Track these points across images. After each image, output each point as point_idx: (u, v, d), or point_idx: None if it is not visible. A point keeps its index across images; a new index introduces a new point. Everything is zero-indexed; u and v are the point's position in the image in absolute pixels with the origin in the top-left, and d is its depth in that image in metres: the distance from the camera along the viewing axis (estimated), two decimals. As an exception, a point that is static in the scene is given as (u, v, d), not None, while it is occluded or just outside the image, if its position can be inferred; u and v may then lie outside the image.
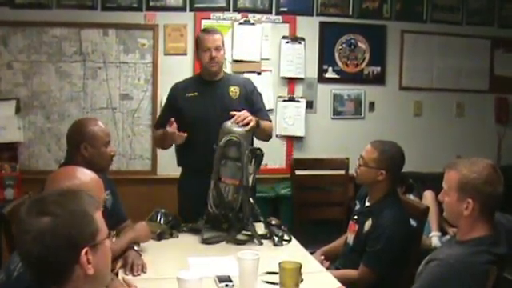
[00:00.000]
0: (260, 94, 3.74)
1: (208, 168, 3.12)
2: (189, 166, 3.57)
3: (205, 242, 3.05)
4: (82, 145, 2.76)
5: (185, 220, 3.29)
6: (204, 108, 3.48)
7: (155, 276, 2.55)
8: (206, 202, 3.10)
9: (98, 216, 1.56)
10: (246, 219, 3.09)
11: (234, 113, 3.19)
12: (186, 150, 3.50)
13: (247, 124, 3.15)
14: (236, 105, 3.42)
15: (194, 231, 3.20)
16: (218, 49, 3.48)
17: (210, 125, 3.29)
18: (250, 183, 3.11)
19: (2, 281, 1.78)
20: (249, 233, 3.10)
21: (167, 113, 3.61)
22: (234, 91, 3.56)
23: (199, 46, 3.55)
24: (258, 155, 3.15)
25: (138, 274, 2.54)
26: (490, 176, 2.21)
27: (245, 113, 3.20)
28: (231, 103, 3.47)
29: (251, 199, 3.09)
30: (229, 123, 3.14)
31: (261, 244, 3.02)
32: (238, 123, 3.13)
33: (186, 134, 3.31)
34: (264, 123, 3.45)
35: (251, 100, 3.59)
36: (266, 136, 3.63)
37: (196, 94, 3.56)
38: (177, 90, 3.66)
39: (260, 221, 3.14)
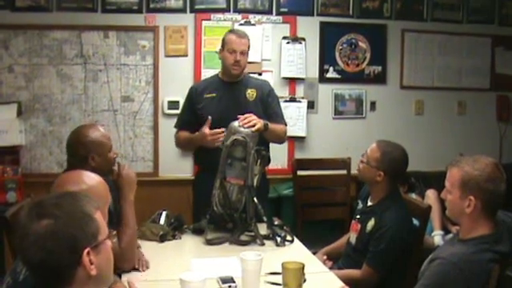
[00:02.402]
0: (277, 97, 3.79)
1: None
2: (204, 164, 3.61)
3: (208, 242, 3.05)
4: (90, 156, 2.74)
5: (198, 218, 3.30)
6: (220, 109, 3.51)
7: (158, 278, 2.55)
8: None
9: (98, 216, 1.56)
10: (250, 219, 3.09)
11: (239, 116, 3.19)
12: (203, 150, 3.54)
13: (253, 126, 3.16)
14: (251, 107, 3.44)
15: (196, 232, 3.20)
16: (243, 53, 3.53)
17: (225, 126, 3.27)
18: (255, 184, 3.11)
19: (8, 284, 1.78)
20: (251, 233, 3.10)
21: (186, 113, 3.74)
22: (251, 93, 3.59)
23: (225, 45, 3.58)
24: (263, 156, 3.16)
25: (143, 270, 2.61)
26: (493, 174, 2.21)
27: (251, 116, 3.21)
28: (247, 105, 3.49)
29: (255, 199, 3.09)
30: (236, 123, 3.15)
31: (263, 244, 3.02)
32: (243, 125, 3.14)
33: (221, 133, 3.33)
34: (274, 126, 3.46)
35: (266, 103, 3.62)
36: (278, 139, 3.68)
37: (214, 94, 3.61)
38: (195, 91, 3.71)
39: (263, 221, 3.14)
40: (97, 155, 2.75)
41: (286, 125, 3.71)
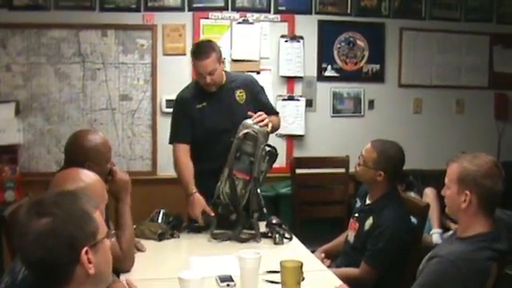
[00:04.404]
0: (263, 89, 3.69)
1: (218, 172, 3.19)
2: (200, 168, 3.46)
3: (213, 236, 3.08)
4: (86, 164, 2.67)
5: (191, 220, 3.30)
6: (214, 118, 3.43)
7: (157, 276, 2.55)
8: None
9: (97, 215, 1.56)
10: (252, 212, 3.12)
11: (251, 113, 3.22)
12: (199, 155, 3.47)
13: (266, 125, 3.18)
14: (244, 110, 3.38)
15: (193, 230, 3.21)
16: (211, 73, 3.33)
17: (221, 133, 3.32)
18: (261, 179, 3.15)
19: (7, 283, 1.78)
20: (251, 231, 3.12)
21: (182, 123, 3.49)
22: (241, 95, 3.50)
23: (193, 65, 3.48)
24: (272, 153, 3.17)
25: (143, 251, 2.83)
26: (490, 170, 2.21)
27: (263, 114, 3.22)
28: (239, 108, 3.43)
29: (259, 190, 3.13)
30: (249, 121, 3.17)
31: (259, 241, 3.06)
32: (257, 122, 3.16)
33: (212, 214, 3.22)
34: (272, 119, 3.42)
35: (256, 99, 3.56)
36: (276, 130, 3.65)
37: (205, 104, 3.45)
38: (186, 101, 3.49)
39: (263, 219, 3.17)
40: (93, 164, 2.62)
41: (278, 113, 3.72)
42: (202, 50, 3.37)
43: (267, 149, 3.15)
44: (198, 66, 3.35)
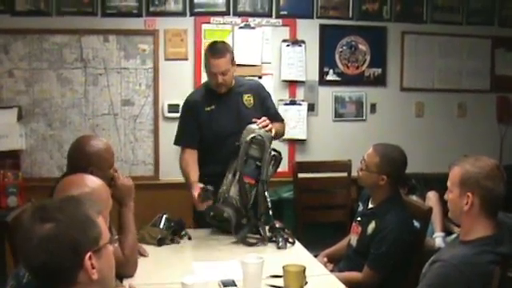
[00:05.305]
0: (269, 95, 3.73)
1: (221, 176, 3.22)
2: (204, 171, 3.47)
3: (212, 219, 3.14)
4: (89, 169, 2.66)
5: (198, 225, 3.30)
6: (223, 122, 3.45)
7: (160, 281, 2.55)
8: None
9: (101, 221, 1.56)
10: (260, 215, 3.15)
11: (255, 120, 3.24)
12: (204, 158, 3.49)
13: (270, 130, 3.21)
14: (252, 114, 3.40)
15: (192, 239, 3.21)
16: (224, 73, 3.36)
17: (227, 137, 3.34)
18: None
19: (12, 287, 1.79)
20: (256, 236, 3.13)
21: (190, 126, 3.51)
22: (249, 99, 3.52)
23: (206, 64, 3.45)
24: (277, 158, 3.22)
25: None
26: (492, 172, 2.21)
27: (267, 119, 3.26)
28: (247, 112, 3.45)
29: (266, 193, 3.15)
30: (254, 126, 3.20)
31: (267, 244, 3.07)
32: (261, 127, 3.20)
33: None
34: (277, 126, 3.45)
35: (265, 105, 3.59)
36: (280, 137, 3.69)
37: (213, 107, 3.47)
38: (196, 103, 3.51)
39: (267, 223, 3.18)
40: (97, 169, 2.61)
41: (283, 120, 3.74)
42: (218, 49, 3.42)
43: (272, 153, 3.18)
44: (211, 65, 3.37)
